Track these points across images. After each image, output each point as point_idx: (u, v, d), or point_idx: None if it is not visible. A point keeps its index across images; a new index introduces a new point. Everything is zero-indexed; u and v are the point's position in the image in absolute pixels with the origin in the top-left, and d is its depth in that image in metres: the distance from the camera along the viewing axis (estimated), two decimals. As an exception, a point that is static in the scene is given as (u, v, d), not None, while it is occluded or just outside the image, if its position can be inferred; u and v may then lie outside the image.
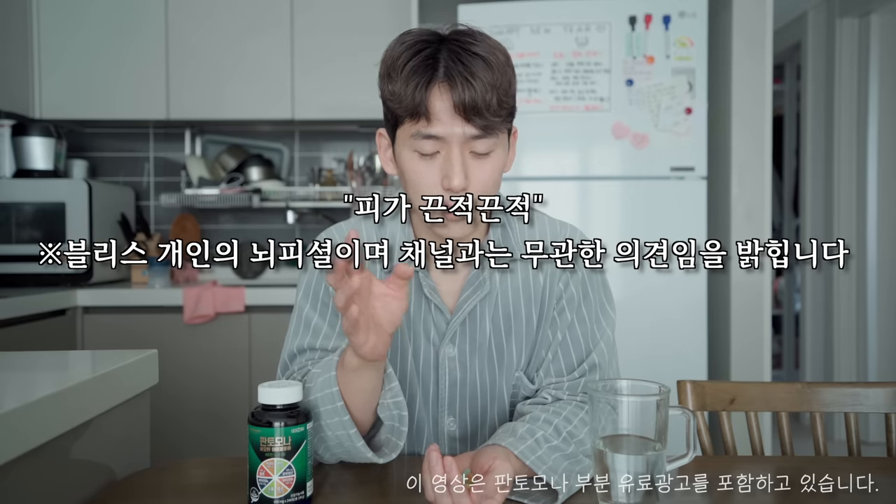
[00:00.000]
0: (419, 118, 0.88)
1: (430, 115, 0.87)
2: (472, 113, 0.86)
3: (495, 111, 0.88)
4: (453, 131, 0.88)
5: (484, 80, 0.86)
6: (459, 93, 0.86)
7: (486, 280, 0.99)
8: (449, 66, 0.87)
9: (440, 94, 0.87)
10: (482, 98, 0.86)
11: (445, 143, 0.89)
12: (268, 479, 0.77)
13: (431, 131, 0.88)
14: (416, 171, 0.91)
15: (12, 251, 2.41)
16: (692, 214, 2.32)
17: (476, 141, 0.89)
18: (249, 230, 2.99)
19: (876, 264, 3.29)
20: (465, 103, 0.86)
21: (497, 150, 0.92)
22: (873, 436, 3.19)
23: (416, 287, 0.99)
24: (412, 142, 0.90)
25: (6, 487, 0.70)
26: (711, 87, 2.46)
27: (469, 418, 1.02)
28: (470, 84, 0.86)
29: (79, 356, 1.18)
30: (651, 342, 2.29)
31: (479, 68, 0.87)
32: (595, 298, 1.03)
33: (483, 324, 1.00)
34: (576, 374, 1.00)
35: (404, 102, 0.88)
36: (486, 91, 0.86)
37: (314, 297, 1.00)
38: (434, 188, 0.90)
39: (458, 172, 0.88)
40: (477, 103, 0.86)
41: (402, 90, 0.88)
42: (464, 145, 0.89)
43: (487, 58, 0.88)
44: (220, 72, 2.65)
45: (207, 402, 2.36)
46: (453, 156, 0.88)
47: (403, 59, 0.89)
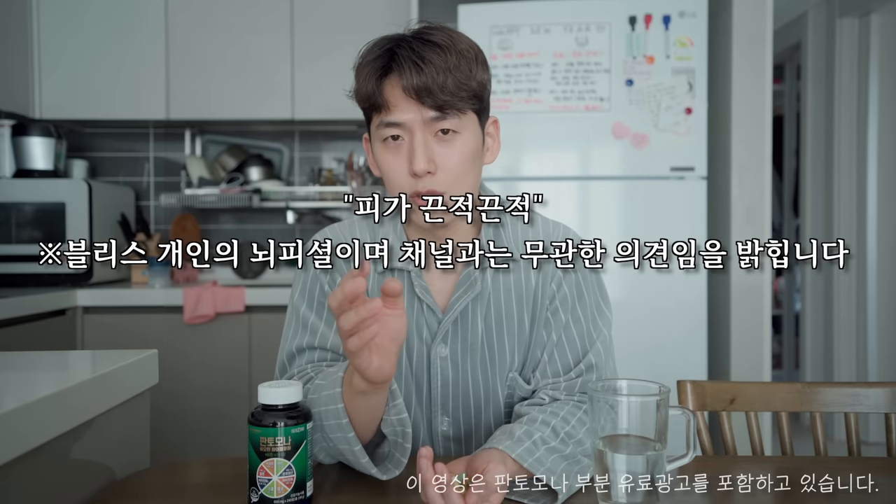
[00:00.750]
0: (380, 109, 0.91)
1: (387, 103, 0.90)
2: (424, 94, 0.88)
3: (451, 92, 0.89)
4: (410, 117, 0.90)
5: (435, 64, 0.88)
6: (408, 77, 0.88)
7: (478, 280, 0.99)
8: (399, 55, 0.90)
9: (391, 81, 0.90)
10: (432, 79, 0.88)
11: (408, 130, 0.91)
12: (268, 479, 0.77)
13: (390, 118, 0.91)
14: (386, 162, 0.93)
15: (12, 251, 2.41)
16: (692, 214, 2.32)
17: (437, 122, 0.90)
18: (249, 230, 2.99)
19: (876, 264, 3.29)
20: (414, 86, 0.88)
21: (464, 133, 0.92)
22: (873, 436, 3.19)
23: (409, 287, 0.99)
24: (378, 132, 0.93)
25: (6, 487, 0.70)
26: (711, 87, 2.46)
27: (462, 418, 1.02)
28: (418, 67, 0.88)
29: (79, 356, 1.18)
30: (651, 342, 2.29)
31: (431, 53, 0.89)
32: (590, 298, 1.02)
33: (475, 323, 1.00)
34: (572, 375, 0.99)
35: (363, 95, 0.92)
36: (437, 73, 0.88)
37: (310, 297, 1.00)
38: (404, 177, 0.92)
39: (420, 156, 0.89)
40: (427, 84, 0.88)
41: (362, 85, 0.92)
42: (426, 129, 0.91)
43: (442, 44, 0.90)
44: (220, 72, 2.65)
45: (207, 401, 2.36)
46: (416, 141, 0.90)
47: (363, 58, 0.93)
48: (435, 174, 0.91)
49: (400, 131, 0.91)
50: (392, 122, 0.91)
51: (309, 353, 0.97)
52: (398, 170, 0.92)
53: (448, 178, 0.91)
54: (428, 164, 0.90)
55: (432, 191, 0.91)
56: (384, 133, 0.92)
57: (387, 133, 0.92)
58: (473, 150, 0.94)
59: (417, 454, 0.78)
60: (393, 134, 0.91)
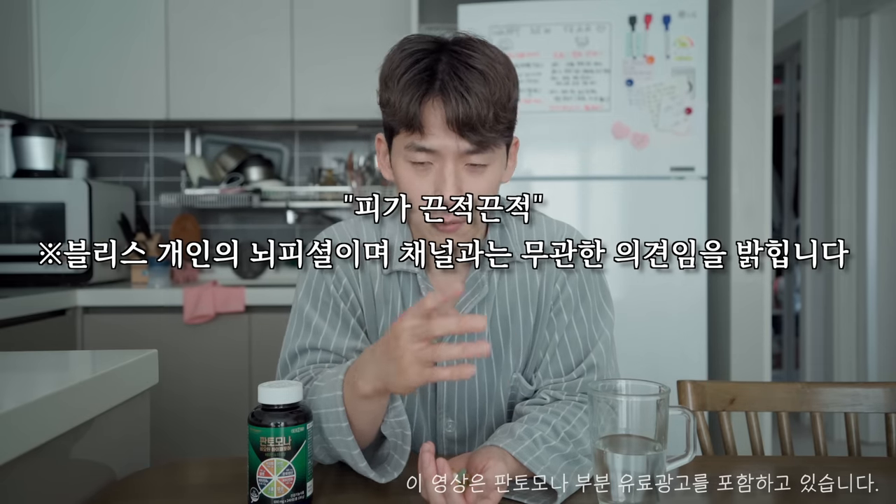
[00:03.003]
0: (413, 130, 0.88)
1: (424, 128, 0.87)
2: (467, 128, 0.86)
3: (491, 126, 0.87)
4: (446, 145, 0.87)
5: (480, 95, 0.85)
6: (454, 108, 0.85)
7: (485, 282, 0.99)
8: (444, 80, 0.86)
9: (434, 108, 0.86)
10: (477, 113, 0.85)
11: (439, 157, 0.89)
12: (268, 479, 0.77)
13: (425, 144, 0.88)
14: (410, 181, 0.91)
15: (12, 251, 2.41)
16: (692, 214, 2.32)
17: (471, 155, 0.88)
18: (249, 230, 2.99)
19: (876, 264, 3.29)
20: (458, 119, 0.85)
21: (493, 165, 0.91)
22: (873, 436, 3.19)
23: (414, 289, 0.99)
24: (406, 153, 0.90)
25: (6, 487, 0.70)
26: (711, 87, 2.46)
27: (467, 420, 1.02)
28: (465, 99, 0.84)
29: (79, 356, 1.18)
30: (651, 342, 2.29)
31: (476, 82, 0.85)
32: (593, 299, 1.03)
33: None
34: (574, 375, 1.00)
35: (399, 114, 0.87)
36: (482, 106, 0.85)
37: (314, 297, 0.99)
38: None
39: (451, 187, 0.88)
40: (471, 118, 0.85)
41: (398, 101, 0.87)
42: (458, 159, 0.89)
43: (485, 71, 0.86)
44: (220, 72, 2.65)
45: (207, 402, 2.36)
46: (446, 170, 0.88)
47: (401, 70, 0.88)
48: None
49: (431, 158, 0.89)
50: (426, 147, 0.88)
51: (311, 354, 0.97)
52: (422, 191, 0.90)
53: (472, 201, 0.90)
54: (457, 193, 0.89)
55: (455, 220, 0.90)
56: (413, 156, 0.89)
57: (417, 157, 0.89)
58: (498, 177, 0.94)
59: (420, 448, 0.78)
60: (421, 160, 0.89)
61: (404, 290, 1.00)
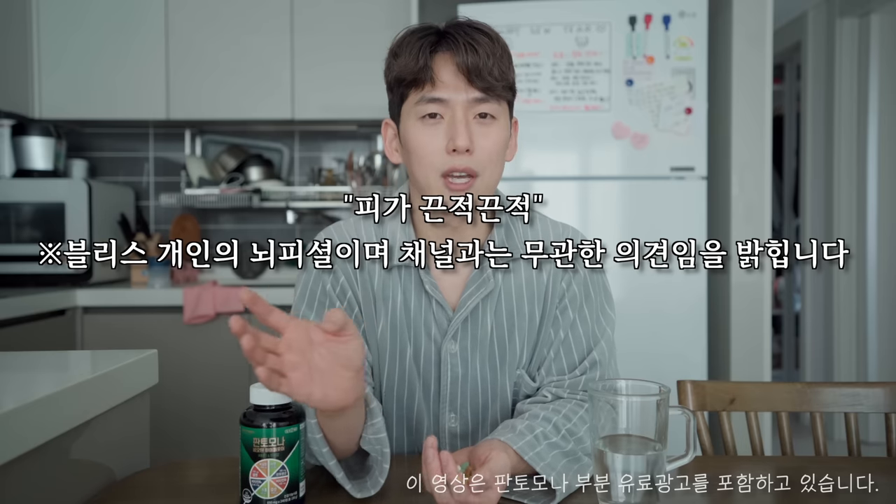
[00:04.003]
0: (424, 84, 0.92)
1: (435, 78, 0.91)
2: (475, 75, 0.90)
3: (496, 77, 0.91)
4: (457, 94, 0.91)
5: (486, 48, 0.91)
6: (463, 56, 0.90)
7: (490, 278, 0.99)
8: (452, 34, 0.92)
9: (444, 58, 0.92)
10: (484, 62, 0.90)
11: (449, 107, 0.92)
12: (261, 479, 0.76)
13: (436, 94, 0.92)
14: (421, 138, 0.93)
15: (12, 251, 2.41)
16: (692, 214, 2.32)
17: (480, 104, 0.92)
18: (249, 230, 2.99)
19: (876, 264, 3.29)
20: (468, 65, 0.90)
21: (500, 120, 0.95)
22: (873, 436, 3.19)
23: (417, 283, 0.99)
24: (416, 108, 0.93)
25: (6, 487, 0.70)
26: (711, 87, 2.46)
27: (470, 415, 1.02)
28: (473, 48, 0.90)
29: (79, 356, 1.18)
30: (651, 342, 2.29)
31: (482, 38, 0.92)
32: (596, 298, 1.03)
33: (485, 321, 1.00)
34: (577, 372, 1.00)
35: (410, 70, 0.92)
36: (488, 57, 0.91)
37: (311, 298, 1.00)
38: (439, 154, 0.92)
39: (463, 132, 0.90)
40: (479, 66, 0.90)
41: (409, 60, 0.92)
42: (467, 110, 0.92)
43: (489, 34, 0.93)
44: (220, 72, 2.65)
45: (207, 402, 2.36)
46: (458, 118, 0.91)
47: (408, 38, 0.94)
48: (472, 154, 0.92)
49: (441, 109, 0.92)
50: (437, 97, 0.92)
51: None
52: (434, 146, 0.92)
53: (483, 159, 0.93)
54: (469, 141, 0.91)
55: (468, 168, 0.92)
56: (424, 109, 0.92)
57: (428, 109, 0.92)
58: (505, 139, 0.96)
59: (424, 444, 0.78)
60: (432, 112, 0.92)
61: (405, 284, 1.00)
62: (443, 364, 1.00)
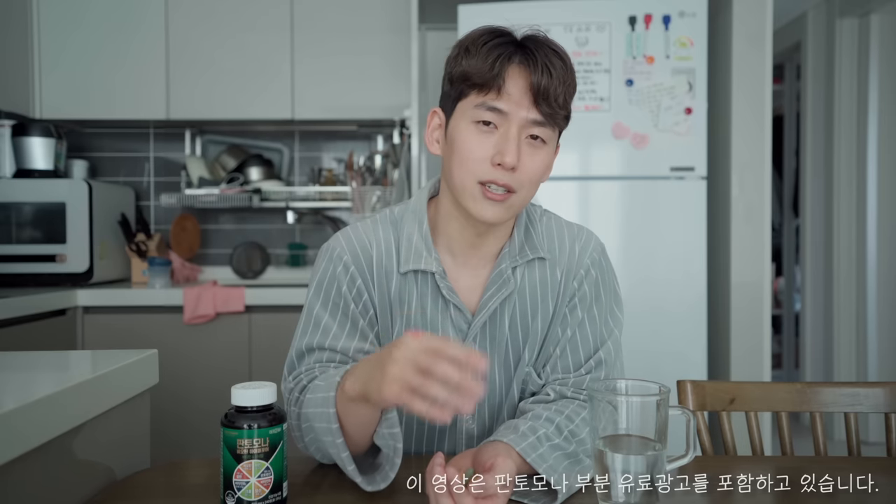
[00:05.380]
0: (489, 90, 0.90)
1: (502, 88, 0.90)
2: (542, 97, 0.89)
3: (561, 104, 0.91)
4: (518, 111, 0.90)
5: (560, 73, 0.90)
6: (538, 75, 0.89)
7: (510, 278, 0.99)
8: (531, 50, 0.91)
9: (519, 71, 0.90)
10: (555, 88, 0.89)
11: (506, 120, 0.91)
12: (245, 481, 0.76)
13: (498, 104, 0.90)
14: (470, 142, 0.92)
15: (12, 251, 2.41)
16: (692, 214, 2.32)
17: (535, 127, 0.91)
18: (249, 230, 2.99)
19: (876, 264, 3.29)
20: (539, 86, 0.89)
21: (549, 145, 0.94)
22: (873, 436, 3.19)
23: (433, 288, 0.99)
24: (474, 112, 0.92)
25: (6, 487, 0.70)
26: (711, 87, 2.46)
27: (487, 416, 1.02)
28: (549, 71, 0.89)
29: (79, 356, 1.18)
30: (651, 341, 2.29)
31: (557, 61, 0.91)
32: (606, 299, 1.04)
33: (503, 322, 1.00)
34: (582, 371, 1.00)
35: (480, 73, 0.90)
36: (559, 83, 0.90)
37: (325, 297, 0.99)
38: (483, 162, 0.91)
39: (513, 150, 0.90)
40: (549, 91, 0.89)
41: (481, 62, 0.90)
42: (523, 128, 0.91)
43: (563, 57, 0.93)
44: (220, 72, 2.65)
45: (207, 402, 2.36)
46: (511, 134, 0.90)
47: (485, 38, 0.93)
48: (516, 172, 0.91)
49: (498, 119, 0.91)
50: (498, 108, 0.90)
51: (318, 353, 0.97)
52: (480, 154, 0.91)
53: (525, 179, 0.92)
54: (516, 160, 0.90)
55: (508, 185, 0.91)
56: (481, 115, 0.91)
57: (485, 116, 0.91)
58: (549, 164, 0.96)
59: (431, 461, 0.78)
60: (488, 119, 0.91)
61: (422, 289, 0.99)
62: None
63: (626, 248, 2.36)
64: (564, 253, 1.03)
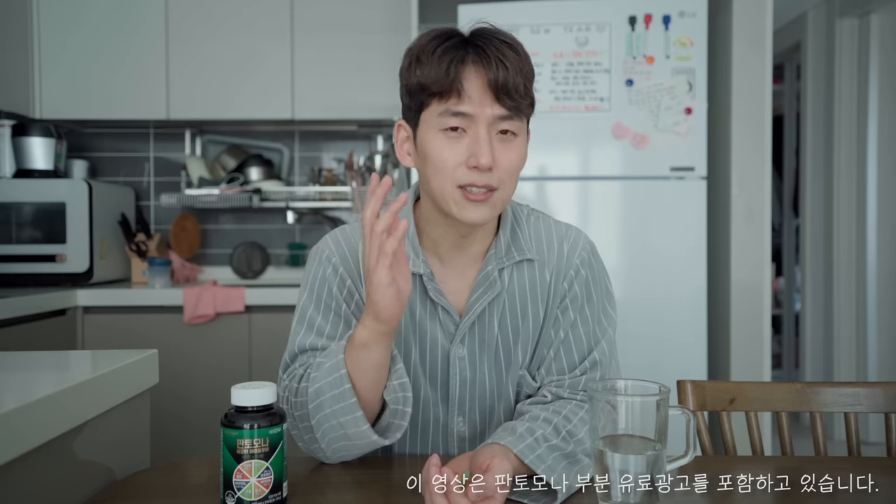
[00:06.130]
0: (449, 96, 0.89)
1: (462, 92, 0.89)
2: (503, 92, 0.89)
3: (522, 94, 0.90)
4: (483, 110, 0.90)
5: (514, 63, 0.89)
6: (494, 72, 0.88)
7: (496, 280, 0.99)
8: (481, 47, 0.90)
9: (474, 71, 0.90)
10: (513, 79, 0.89)
11: (473, 122, 0.90)
12: (245, 481, 0.76)
13: (461, 108, 0.90)
14: (442, 150, 0.91)
15: (12, 251, 2.41)
16: (692, 214, 2.32)
17: (503, 122, 0.91)
18: (249, 230, 2.99)
19: (876, 264, 3.29)
20: (497, 82, 0.88)
21: (520, 138, 0.94)
22: (873, 436, 3.19)
23: (421, 291, 0.99)
24: (439, 120, 0.91)
25: (6, 487, 0.70)
26: (711, 87, 2.46)
27: (478, 418, 1.02)
28: (503, 64, 0.89)
29: (79, 356, 1.18)
30: (651, 342, 2.29)
31: (509, 52, 0.90)
32: (598, 299, 1.03)
33: (491, 324, 1.00)
34: (577, 372, 1.00)
35: (436, 81, 0.89)
36: (516, 73, 0.89)
37: (317, 298, 1.00)
38: (459, 168, 0.91)
39: (486, 151, 0.89)
40: (508, 84, 0.88)
41: (435, 70, 0.89)
42: (490, 126, 0.91)
43: (514, 45, 0.92)
44: (221, 72, 2.65)
45: (207, 402, 2.36)
46: (481, 135, 0.90)
47: (434, 44, 0.91)
48: (492, 171, 0.91)
49: (465, 123, 0.90)
50: (462, 112, 0.90)
51: (312, 353, 0.97)
52: (454, 160, 0.91)
53: (504, 176, 0.92)
54: (491, 159, 0.90)
55: (488, 184, 0.91)
56: (447, 122, 0.90)
57: (451, 123, 0.90)
58: (525, 155, 0.96)
59: (427, 462, 0.78)
60: (455, 125, 0.90)
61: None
62: (451, 368, 1.00)
63: (626, 248, 2.36)
64: (553, 253, 1.02)
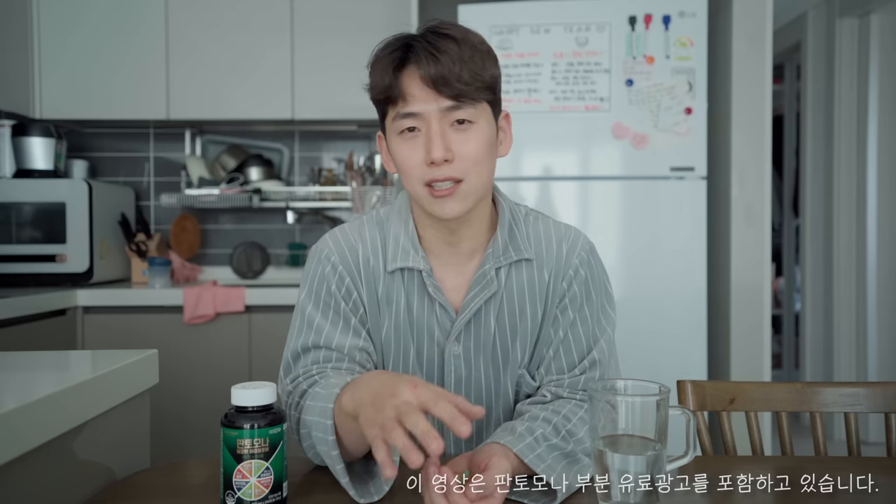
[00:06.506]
0: (396, 101, 0.92)
1: (405, 94, 0.91)
2: (442, 84, 0.89)
3: (466, 82, 0.90)
4: (428, 106, 0.91)
5: (451, 55, 0.89)
6: (426, 67, 0.89)
7: (493, 279, 0.99)
8: (415, 47, 0.91)
9: (409, 73, 0.91)
10: (449, 69, 0.89)
11: (424, 120, 0.91)
12: (245, 481, 0.76)
13: (408, 109, 0.91)
14: (402, 152, 0.93)
15: (12, 251, 2.41)
16: (692, 214, 2.32)
17: (454, 112, 0.91)
18: (249, 230, 2.99)
19: (876, 264, 3.29)
20: (431, 76, 0.89)
21: (479, 123, 0.93)
22: (873, 436, 3.19)
23: (420, 285, 1.00)
24: (395, 125, 0.93)
25: (6, 487, 0.70)
26: (711, 87, 2.46)
27: None
28: (435, 58, 0.89)
29: (79, 356, 1.18)
30: (651, 342, 2.29)
31: (446, 45, 0.90)
32: (597, 298, 1.03)
33: (487, 322, 1.00)
34: (576, 372, 1.00)
35: (380, 89, 0.92)
36: (454, 64, 0.89)
37: (316, 297, 1.00)
38: (420, 166, 0.92)
39: (438, 145, 0.90)
40: (444, 75, 0.89)
41: (379, 79, 0.92)
42: (442, 119, 0.91)
43: (457, 37, 0.91)
44: (221, 72, 2.65)
45: (207, 402, 2.36)
46: (432, 130, 0.91)
47: (378, 54, 0.94)
48: (452, 162, 0.91)
49: (416, 122, 0.91)
50: (409, 112, 0.91)
51: (314, 353, 0.97)
52: (414, 160, 0.92)
53: (465, 165, 0.92)
54: (445, 152, 0.90)
55: (451, 177, 0.91)
56: (400, 125, 0.92)
57: (403, 125, 0.92)
58: (488, 140, 0.94)
59: (425, 462, 0.77)
60: (409, 126, 0.92)
61: (408, 287, 1.00)
62: (446, 365, 1.00)
63: (626, 249, 2.36)
64: (552, 253, 1.02)
